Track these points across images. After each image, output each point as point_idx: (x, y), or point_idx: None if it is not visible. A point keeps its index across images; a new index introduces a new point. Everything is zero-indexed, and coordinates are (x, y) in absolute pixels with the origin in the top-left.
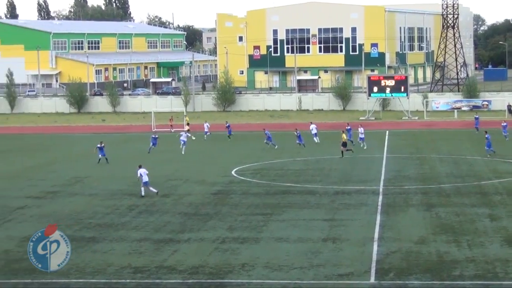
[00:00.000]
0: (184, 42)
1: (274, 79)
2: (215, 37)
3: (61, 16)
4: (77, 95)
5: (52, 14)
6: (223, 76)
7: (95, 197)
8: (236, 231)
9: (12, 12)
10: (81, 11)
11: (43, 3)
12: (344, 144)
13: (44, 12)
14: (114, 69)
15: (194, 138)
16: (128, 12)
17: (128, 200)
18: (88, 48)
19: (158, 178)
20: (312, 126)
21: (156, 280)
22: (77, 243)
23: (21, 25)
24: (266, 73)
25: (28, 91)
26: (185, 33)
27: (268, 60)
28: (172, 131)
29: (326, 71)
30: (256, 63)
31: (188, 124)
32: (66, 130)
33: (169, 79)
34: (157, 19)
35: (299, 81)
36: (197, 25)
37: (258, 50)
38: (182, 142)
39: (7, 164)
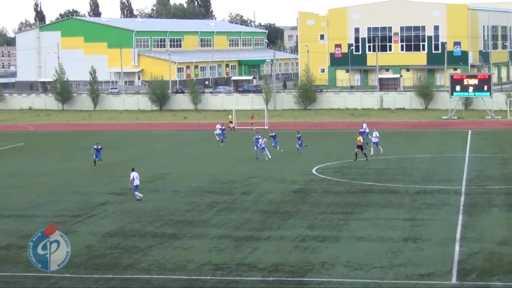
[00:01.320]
0: (266, 40)
1: (355, 78)
2: (297, 35)
3: (143, 14)
4: (159, 93)
5: (135, 13)
6: (304, 74)
7: (176, 194)
8: (316, 229)
9: (95, 10)
10: (163, 10)
11: (126, 1)
12: (360, 147)
13: (126, 10)
14: (196, 67)
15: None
16: (210, 10)
17: (208, 197)
18: (170, 46)
19: (238, 176)
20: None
21: (236, 278)
22: (158, 239)
23: (104, 23)
24: (347, 71)
25: (111, 89)
26: (267, 31)
27: (350, 59)
28: (253, 128)
29: (408, 70)
30: (337, 61)
31: (230, 122)
32: (148, 127)
33: (250, 77)
34: (238, 17)
35: (380, 79)
36: (278, 23)
37: (339, 48)
38: (262, 149)
39: (90, 160)
